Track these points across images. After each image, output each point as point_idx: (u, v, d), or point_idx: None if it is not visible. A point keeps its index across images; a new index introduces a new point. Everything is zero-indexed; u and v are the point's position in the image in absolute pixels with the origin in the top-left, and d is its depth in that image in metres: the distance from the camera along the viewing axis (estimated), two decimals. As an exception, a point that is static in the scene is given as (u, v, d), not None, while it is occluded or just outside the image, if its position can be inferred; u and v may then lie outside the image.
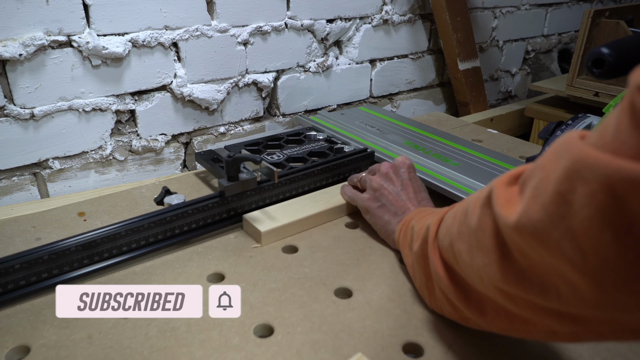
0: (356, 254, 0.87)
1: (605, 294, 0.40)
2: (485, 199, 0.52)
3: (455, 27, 1.58)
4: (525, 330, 0.54)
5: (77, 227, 0.93)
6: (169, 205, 0.90)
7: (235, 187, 0.91)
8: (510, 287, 0.49)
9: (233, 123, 1.33)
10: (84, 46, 1.04)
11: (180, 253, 0.87)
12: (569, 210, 0.39)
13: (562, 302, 0.44)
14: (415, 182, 0.91)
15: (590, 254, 0.39)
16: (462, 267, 0.58)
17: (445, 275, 0.62)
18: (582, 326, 0.46)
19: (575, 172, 0.39)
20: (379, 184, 0.91)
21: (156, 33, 1.13)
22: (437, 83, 1.78)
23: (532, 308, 0.49)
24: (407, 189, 0.89)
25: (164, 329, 0.69)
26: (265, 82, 1.33)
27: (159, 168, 1.24)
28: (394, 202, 0.88)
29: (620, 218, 0.36)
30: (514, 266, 0.48)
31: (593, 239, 0.38)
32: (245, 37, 1.26)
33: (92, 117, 1.11)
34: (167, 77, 1.18)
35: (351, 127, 1.30)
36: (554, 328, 0.49)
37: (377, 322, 0.71)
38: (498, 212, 0.48)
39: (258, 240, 0.89)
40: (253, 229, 0.90)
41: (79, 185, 1.15)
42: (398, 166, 0.92)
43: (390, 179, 0.91)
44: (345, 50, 1.49)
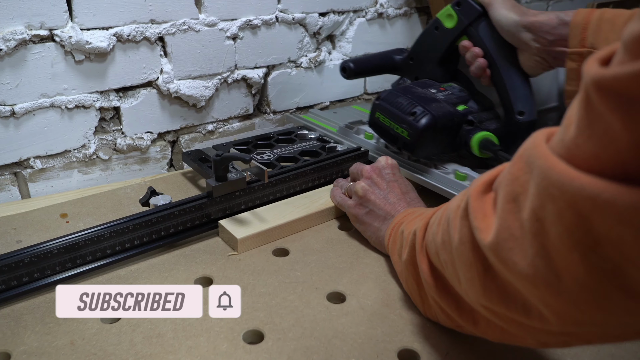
0: (349, 257, 0.87)
1: (583, 313, 0.40)
2: (463, 211, 0.52)
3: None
4: (517, 341, 0.55)
5: (59, 229, 0.93)
6: (154, 206, 0.90)
7: (224, 188, 0.91)
8: (494, 304, 0.49)
9: (221, 121, 1.33)
10: (66, 41, 1.04)
11: (166, 256, 0.87)
12: (542, 228, 0.40)
13: (544, 322, 0.45)
14: (401, 182, 0.91)
15: (564, 273, 0.39)
16: (449, 277, 0.59)
17: (435, 284, 0.63)
18: (570, 337, 0.46)
19: (544, 188, 0.39)
20: (364, 190, 0.90)
21: (142, 27, 1.13)
22: (434, 79, 1.78)
23: (518, 325, 0.49)
24: (394, 191, 0.89)
25: (150, 335, 0.69)
26: (255, 78, 1.33)
27: (144, 167, 1.24)
28: (381, 207, 0.87)
29: (587, 237, 0.37)
30: (496, 281, 0.48)
31: (565, 258, 0.39)
32: (235, 31, 1.26)
33: (75, 114, 1.11)
34: (153, 72, 1.18)
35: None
36: (544, 340, 0.50)
37: (371, 328, 0.72)
38: (475, 226, 0.49)
39: (234, 247, 0.89)
40: (229, 235, 0.90)
41: (62, 185, 1.14)
42: (381, 168, 0.92)
43: (375, 183, 0.91)
44: (339, 45, 1.50)
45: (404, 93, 1.03)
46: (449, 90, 1.07)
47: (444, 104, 1.01)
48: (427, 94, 1.03)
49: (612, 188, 0.34)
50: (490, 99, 1.08)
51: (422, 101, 1.00)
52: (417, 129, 0.97)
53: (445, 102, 1.02)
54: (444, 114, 0.99)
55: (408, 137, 0.98)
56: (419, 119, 0.97)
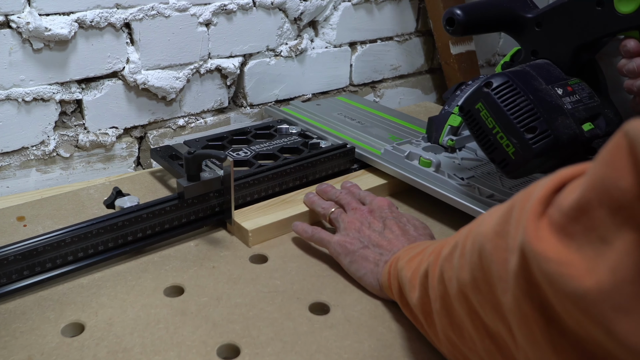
0: (334, 264, 0.88)
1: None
2: (511, 239, 0.45)
3: (446, 5, 1.58)
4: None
5: (16, 234, 0.93)
6: (120, 208, 0.90)
7: (197, 188, 0.91)
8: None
9: (194, 115, 1.33)
10: (23, 27, 1.03)
11: (133, 263, 0.87)
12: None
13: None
14: (399, 219, 0.87)
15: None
16: (489, 323, 0.52)
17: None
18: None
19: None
20: (357, 226, 0.86)
21: (106, 12, 1.12)
22: (427, 69, 1.79)
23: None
24: (391, 228, 0.84)
25: (115, 349, 0.69)
26: (230, 68, 1.33)
27: (109, 166, 1.24)
28: (378, 242, 0.82)
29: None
30: (566, 337, 0.42)
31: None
32: (208, 16, 1.26)
33: (33, 107, 1.11)
34: (118, 62, 1.18)
35: (328, 120, 1.31)
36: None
37: (357, 342, 0.72)
38: (548, 269, 0.40)
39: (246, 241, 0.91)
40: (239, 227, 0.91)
41: (18, 185, 1.14)
42: (375, 210, 0.89)
43: (368, 223, 0.86)
44: (322, 32, 1.50)
45: (525, 89, 0.81)
46: (578, 95, 0.86)
47: (571, 120, 0.82)
48: (552, 97, 0.83)
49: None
50: (620, 115, 0.90)
51: (546, 110, 0.80)
52: (529, 153, 0.80)
53: (573, 115, 0.83)
54: (569, 137, 0.81)
55: (513, 155, 0.82)
56: (537, 141, 0.79)
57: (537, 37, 0.91)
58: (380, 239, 0.82)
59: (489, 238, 0.48)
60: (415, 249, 0.73)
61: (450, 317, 0.58)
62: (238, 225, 0.93)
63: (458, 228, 0.96)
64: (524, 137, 0.79)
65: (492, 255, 0.47)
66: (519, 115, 0.80)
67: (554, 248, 0.39)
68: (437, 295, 0.60)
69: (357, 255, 0.82)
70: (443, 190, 0.97)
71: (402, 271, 0.70)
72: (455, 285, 0.55)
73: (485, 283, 0.49)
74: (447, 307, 0.58)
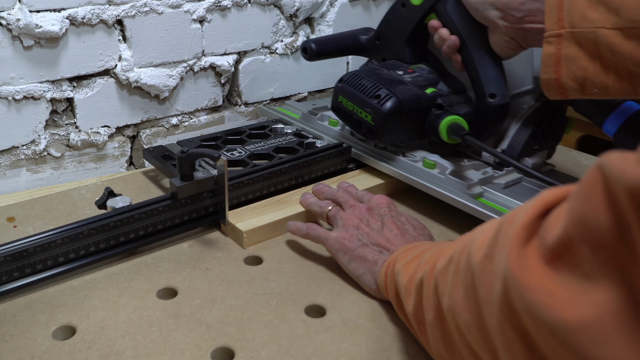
0: (330, 265, 0.88)
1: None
2: (496, 263, 0.46)
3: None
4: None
5: (6, 235, 0.93)
6: (112, 209, 0.90)
7: (190, 188, 0.91)
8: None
9: (187, 113, 1.33)
10: (13, 24, 1.03)
11: (125, 265, 0.87)
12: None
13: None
14: (398, 218, 0.87)
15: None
16: (474, 344, 0.53)
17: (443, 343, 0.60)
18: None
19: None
20: (355, 223, 0.86)
21: (98, 9, 1.12)
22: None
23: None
24: (389, 227, 0.84)
25: (107, 352, 0.69)
26: (224, 65, 1.33)
27: (101, 166, 1.24)
28: (377, 241, 0.82)
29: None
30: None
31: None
32: (202, 13, 1.26)
33: (24, 106, 1.11)
34: (110, 60, 1.18)
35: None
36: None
37: (354, 345, 0.72)
38: (528, 297, 0.41)
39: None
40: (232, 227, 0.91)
41: (8, 185, 1.14)
42: (374, 207, 0.89)
43: (366, 221, 0.86)
44: (318, 29, 1.50)
45: (368, 75, 1.06)
46: (417, 72, 1.10)
47: (411, 87, 1.05)
48: (392, 76, 1.07)
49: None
50: (462, 81, 1.11)
51: (387, 83, 1.03)
52: (381, 113, 1.00)
53: (413, 84, 1.06)
54: (411, 96, 1.02)
55: (372, 122, 1.02)
56: (383, 103, 1.00)
57: (379, 48, 1.20)
58: (379, 238, 0.82)
59: (479, 260, 0.49)
60: (413, 251, 0.73)
61: (442, 329, 0.59)
62: (232, 226, 0.93)
63: (456, 229, 0.98)
64: (372, 103, 1.01)
65: (480, 278, 0.48)
66: (365, 90, 1.03)
67: (536, 277, 0.39)
68: (432, 306, 0.60)
69: (356, 254, 0.82)
70: (446, 192, 0.97)
71: (399, 275, 0.70)
72: (447, 300, 0.55)
73: (476, 304, 0.49)
74: (440, 320, 0.59)
